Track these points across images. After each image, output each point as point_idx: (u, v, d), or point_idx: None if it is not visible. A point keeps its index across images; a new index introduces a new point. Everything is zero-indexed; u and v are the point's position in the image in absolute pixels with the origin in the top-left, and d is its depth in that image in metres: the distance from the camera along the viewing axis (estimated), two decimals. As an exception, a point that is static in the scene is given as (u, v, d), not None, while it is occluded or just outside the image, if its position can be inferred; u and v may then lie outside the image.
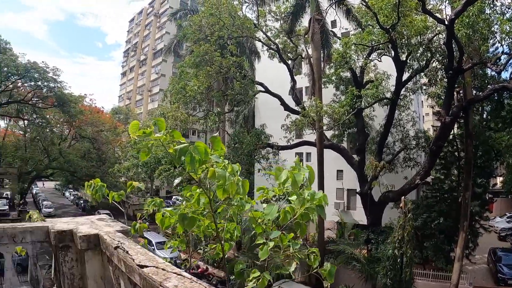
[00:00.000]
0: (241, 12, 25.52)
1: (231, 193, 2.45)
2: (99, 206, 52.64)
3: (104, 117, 57.28)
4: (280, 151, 26.53)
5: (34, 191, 72.46)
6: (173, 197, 51.13)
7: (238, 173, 2.52)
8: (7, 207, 46.75)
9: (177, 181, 2.93)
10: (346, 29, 27.56)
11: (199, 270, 24.01)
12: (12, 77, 39.63)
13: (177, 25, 36.88)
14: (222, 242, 3.02)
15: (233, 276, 3.55)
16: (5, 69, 37.14)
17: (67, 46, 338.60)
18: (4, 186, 54.01)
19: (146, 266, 2.75)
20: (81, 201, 62.74)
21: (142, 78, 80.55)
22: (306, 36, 26.03)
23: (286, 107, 26.05)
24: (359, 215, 29.36)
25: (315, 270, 2.93)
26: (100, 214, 40.63)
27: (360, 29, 23.78)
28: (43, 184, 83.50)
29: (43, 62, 43.22)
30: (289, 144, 25.39)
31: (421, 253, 23.83)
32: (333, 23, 28.63)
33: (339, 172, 32.49)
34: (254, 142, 24.12)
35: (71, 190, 75.62)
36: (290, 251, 2.84)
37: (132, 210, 45.42)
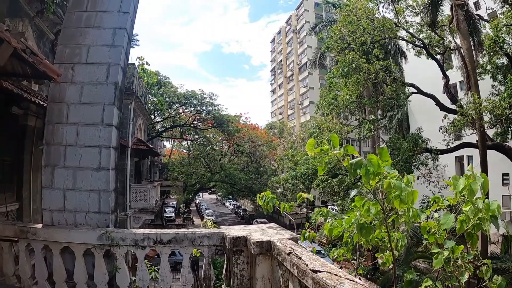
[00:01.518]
0: (378, 13, 24.65)
1: (408, 203, 2.48)
2: (257, 215, 55.84)
3: (260, 133, 60.61)
4: (439, 156, 24.49)
5: (197, 201, 79.74)
6: (329, 206, 51.38)
7: (413, 184, 2.54)
8: (173, 214, 54.60)
9: (353, 193, 3.04)
10: (492, 9, 24.57)
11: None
12: (174, 105, 45.67)
13: (319, 38, 37.25)
14: (394, 251, 3.03)
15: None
16: (167, 99, 42.83)
17: (217, 72, 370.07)
18: (171, 197, 61.31)
19: (320, 271, 2.86)
20: (240, 210, 67.73)
21: (292, 93, 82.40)
22: (450, 25, 23.80)
23: (442, 107, 24.04)
24: (529, 227, 25.29)
25: (484, 284, 2.81)
26: (258, 222, 42.88)
27: (508, 6, 20.97)
28: (202, 195, 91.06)
29: (199, 89, 49.15)
30: (448, 147, 23.36)
31: None
32: (476, 5, 25.84)
33: (505, 176, 28.96)
34: (411, 148, 22.60)
35: (230, 200, 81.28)
36: (460, 262, 2.74)
37: (289, 220, 46.92)
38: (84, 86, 6.06)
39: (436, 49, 25.10)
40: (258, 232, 5.05)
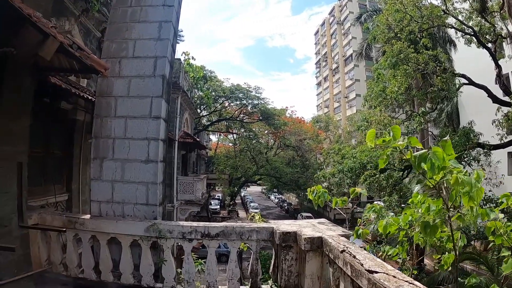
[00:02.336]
0: (425, 0, 23.58)
1: (477, 201, 2.26)
2: (302, 208, 55.49)
3: (306, 126, 59.69)
4: (491, 151, 23.11)
5: (242, 194, 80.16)
6: (375, 202, 50.16)
7: (482, 180, 2.31)
8: (218, 206, 55.81)
9: (417, 188, 2.85)
10: (545, -9, 22.75)
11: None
12: (220, 99, 45.96)
13: (364, 29, 36.30)
14: (457, 252, 2.80)
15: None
16: (213, 93, 43.13)
17: (262, 67, 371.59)
18: (217, 189, 62.23)
19: (376, 272, 2.72)
20: (285, 204, 67.88)
21: (337, 85, 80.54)
22: (501, 11, 22.30)
23: (495, 99, 22.58)
24: None
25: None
26: (302, 216, 42.56)
27: None
28: (247, 188, 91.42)
29: (245, 83, 49.20)
30: (502, 142, 22.02)
31: None
32: (528, -13, 23.88)
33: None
34: (463, 143, 21.43)
35: (275, 193, 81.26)
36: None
37: (334, 214, 46.37)
38: (131, 80, 6.13)
39: (487, 37, 23.65)
40: (308, 227, 4.93)
